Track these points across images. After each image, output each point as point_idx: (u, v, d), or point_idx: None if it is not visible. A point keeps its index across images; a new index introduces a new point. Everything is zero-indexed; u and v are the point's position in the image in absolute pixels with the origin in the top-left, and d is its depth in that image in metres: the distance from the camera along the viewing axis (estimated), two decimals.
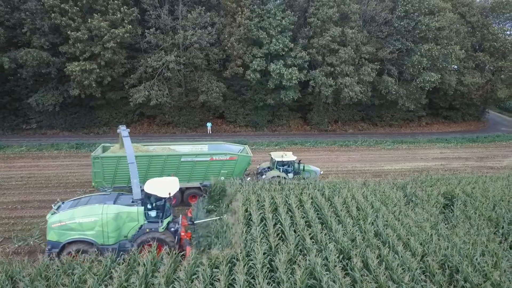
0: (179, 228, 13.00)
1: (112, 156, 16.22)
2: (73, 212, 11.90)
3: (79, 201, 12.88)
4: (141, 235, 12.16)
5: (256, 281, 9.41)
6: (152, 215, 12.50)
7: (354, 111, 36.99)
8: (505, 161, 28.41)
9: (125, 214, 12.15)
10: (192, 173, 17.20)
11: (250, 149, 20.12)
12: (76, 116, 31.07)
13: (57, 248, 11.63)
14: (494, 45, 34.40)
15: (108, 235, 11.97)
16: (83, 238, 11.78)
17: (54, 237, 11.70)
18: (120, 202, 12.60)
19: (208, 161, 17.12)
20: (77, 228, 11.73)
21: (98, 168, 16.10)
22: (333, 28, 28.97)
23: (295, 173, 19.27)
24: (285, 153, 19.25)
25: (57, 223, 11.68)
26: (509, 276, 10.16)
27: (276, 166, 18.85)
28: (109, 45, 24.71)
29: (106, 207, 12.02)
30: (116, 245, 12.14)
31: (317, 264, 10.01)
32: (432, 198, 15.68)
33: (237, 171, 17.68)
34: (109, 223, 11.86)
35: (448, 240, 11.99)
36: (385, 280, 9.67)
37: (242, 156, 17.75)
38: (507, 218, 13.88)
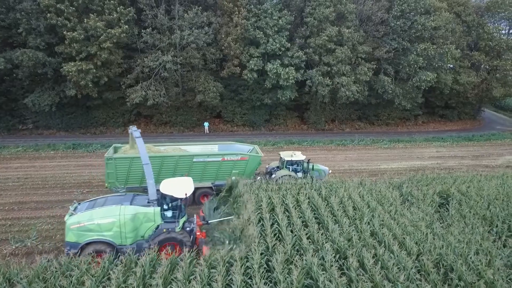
0: (194, 227, 13.23)
1: (125, 157, 16.35)
2: (91, 214, 12.06)
3: (95, 202, 13.03)
4: (159, 235, 12.33)
5: (253, 281, 9.49)
6: (168, 215, 12.68)
7: (351, 110, 37.14)
8: (500, 160, 28.67)
9: (142, 215, 12.31)
10: (204, 173, 17.35)
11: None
12: (72, 116, 30.98)
13: (76, 249, 11.82)
14: (490, 44, 34.64)
15: (126, 236, 12.14)
16: (101, 238, 11.95)
17: (73, 238, 11.88)
18: (136, 203, 12.75)
19: (219, 161, 17.31)
20: (95, 229, 11.90)
21: (111, 169, 16.24)
22: (330, 27, 29.05)
23: (304, 172, 19.43)
24: (294, 153, 19.37)
25: (76, 225, 11.85)
26: (502, 274, 10.31)
27: (285, 165, 18.99)
28: (105, 45, 24.65)
29: (123, 208, 12.17)
30: (134, 245, 12.29)
31: (314, 264, 10.10)
32: (428, 198, 15.82)
33: (248, 171, 17.86)
34: (126, 223, 12.05)
35: (443, 239, 12.13)
36: (381, 280, 9.79)
37: (253, 156, 17.94)
38: (501, 217, 14.04)
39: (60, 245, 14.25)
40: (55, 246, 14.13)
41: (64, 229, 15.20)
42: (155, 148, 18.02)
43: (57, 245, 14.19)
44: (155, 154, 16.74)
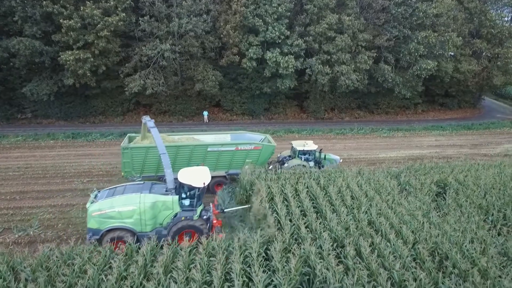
0: (210, 216, 13.54)
1: (141, 147, 16.59)
2: (112, 201, 12.39)
3: (115, 190, 13.33)
4: (177, 223, 12.66)
5: (252, 269, 9.70)
6: (186, 203, 13.02)
7: (350, 99, 37.01)
8: (498, 148, 28.76)
9: (161, 203, 12.62)
10: (218, 163, 17.60)
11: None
12: (71, 105, 30.90)
13: (97, 235, 12.20)
14: (491, 32, 34.24)
15: (146, 223, 12.51)
16: (122, 226, 12.32)
17: (95, 225, 12.25)
18: (155, 191, 13.02)
19: (233, 151, 17.52)
20: (116, 216, 12.26)
21: (127, 158, 16.50)
22: (330, 15, 28.65)
23: (315, 162, 19.62)
24: (306, 142, 19.51)
25: (97, 212, 12.21)
26: (495, 262, 10.52)
27: (297, 155, 19.17)
28: (102, 33, 24.38)
29: (143, 196, 12.49)
30: (153, 232, 12.64)
31: (311, 253, 10.30)
32: (425, 187, 15.97)
33: (261, 160, 18.10)
34: (146, 211, 12.39)
35: (439, 228, 12.32)
36: (377, 268, 9.98)
37: (266, 146, 18.12)
38: (497, 206, 14.21)
39: (62, 233, 14.51)
40: (57, 235, 14.36)
41: (64, 218, 15.54)
42: (170, 138, 18.30)
43: (59, 234, 14.42)
44: (170, 144, 16.97)
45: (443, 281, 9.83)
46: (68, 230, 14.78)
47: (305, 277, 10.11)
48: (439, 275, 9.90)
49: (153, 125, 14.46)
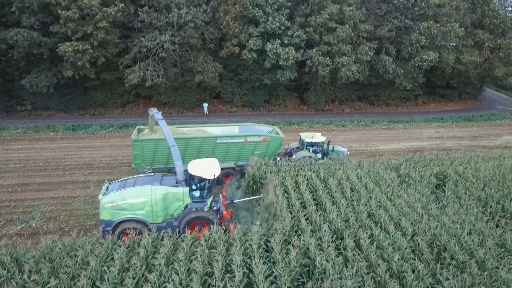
0: (220, 207, 13.80)
1: (151, 139, 16.70)
2: (124, 193, 12.62)
3: (126, 182, 13.55)
4: (188, 214, 12.91)
5: (252, 261, 9.82)
6: (196, 195, 13.22)
7: (351, 91, 36.84)
8: (498, 140, 28.78)
9: (172, 195, 12.85)
10: (227, 154, 17.78)
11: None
12: (71, 97, 30.78)
13: (110, 226, 12.46)
14: (494, 22, 33.88)
15: (157, 214, 12.76)
16: (134, 217, 12.58)
17: (107, 217, 12.50)
18: (165, 183, 13.21)
19: (242, 143, 17.69)
20: (128, 208, 12.50)
21: (137, 150, 16.71)
22: (331, 5, 28.33)
23: (323, 153, 19.80)
24: (314, 134, 19.66)
25: (110, 204, 12.43)
26: (493, 253, 10.64)
27: (306, 146, 19.33)
28: (101, 24, 24.14)
29: (154, 188, 12.70)
30: (164, 223, 12.91)
31: (311, 245, 10.41)
32: (425, 179, 16.03)
33: (269, 152, 18.27)
34: (157, 203, 12.62)
35: (438, 219, 12.42)
36: (376, 259, 10.11)
37: (275, 137, 18.26)
38: (495, 198, 14.28)
39: (64, 225, 14.65)
40: (59, 226, 14.49)
41: (66, 210, 15.67)
42: (179, 130, 18.49)
43: (61, 226, 14.56)
44: (180, 136, 17.15)
45: (441, 272, 9.97)
46: (70, 222, 14.91)
47: (305, 269, 10.25)
48: (437, 266, 10.03)
49: (161, 117, 14.66)
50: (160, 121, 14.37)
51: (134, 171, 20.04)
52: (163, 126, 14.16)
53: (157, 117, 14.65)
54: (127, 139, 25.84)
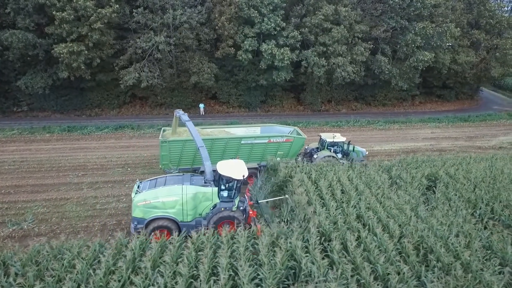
0: (247, 207, 14.02)
1: (178, 140, 17.15)
2: (156, 192, 13.01)
3: (156, 181, 13.99)
4: (217, 213, 13.25)
5: (238, 263, 9.87)
6: (224, 195, 13.54)
7: (347, 91, 36.86)
8: (493, 141, 28.79)
9: (202, 194, 13.20)
10: (251, 155, 18.14)
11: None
12: (67, 98, 30.86)
13: (142, 224, 12.80)
14: (490, 22, 33.86)
15: (187, 213, 13.14)
16: (165, 215, 12.94)
17: (140, 214, 12.86)
18: (195, 183, 13.58)
19: (265, 143, 18.10)
20: (160, 207, 12.89)
21: (165, 151, 17.14)
22: (326, 6, 28.34)
23: (343, 153, 20.12)
24: (334, 134, 20.01)
25: (142, 202, 12.80)
26: (479, 255, 10.69)
27: (326, 146, 19.64)
28: (96, 25, 24.19)
29: (185, 187, 13.08)
30: (193, 222, 13.29)
31: (297, 247, 10.46)
32: (416, 180, 16.08)
33: (292, 152, 18.64)
34: (188, 202, 13.01)
35: (426, 222, 12.46)
36: (361, 262, 10.17)
37: (297, 138, 18.63)
38: (485, 199, 14.34)
39: (55, 227, 14.70)
40: (50, 228, 14.55)
41: (58, 212, 15.74)
42: (204, 131, 18.92)
43: (53, 228, 14.61)
44: (206, 137, 17.53)
45: (426, 275, 10.02)
46: (62, 223, 14.97)
47: (291, 271, 10.31)
48: (422, 269, 10.08)
49: (188, 118, 14.93)
50: (187, 122, 14.76)
51: (125, 173, 20.22)
52: (190, 128, 14.54)
53: (183, 118, 15.07)
54: (123, 140, 26.02)
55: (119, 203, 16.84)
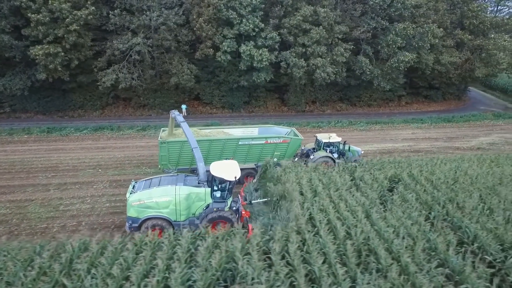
0: (239, 207, 14.25)
1: (177, 141, 17.42)
2: (150, 192, 13.36)
3: (151, 181, 14.32)
4: (210, 213, 13.45)
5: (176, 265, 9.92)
6: (217, 195, 13.80)
7: (331, 92, 36.85)
8: (473, 141, 28.69)
9: (195, 194, 13.48)
10: (248, 155, 18.46)
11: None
12: (49, 99, 31.04)
13: (137, 223, 13.16)
14: (474, 23, 33.73)
15: (180, 213, 13.43)
16: (159, 215, 13.28)
17: (134, 214, 13.23)
18: (188, 184, 13.85)
19: (263, 144, 18.40)
20: (154, 206, 13.21)
21: (164, 152, 17.46)
22: (305, 7, 28.36)
23: (339, 153, 20.35)
24: (330, 135, 20.30)
25: (137, 202, 13.16)
26: (420, 257, 10.66)
27: (322, 147, 19.89)
28: (72, 27, 24.30)
29: (178, 188, 13.37)
30: (187, 221, 13.57)
31: (237, 249, 10.50)
32: (378, 182, 16.06)
33: (288, 153, 18.97)
34: (181, 202, 13.30)
35: (375, 223, 12.45)
36: (298, 263, 10.18)
37: (294, 139, 18.93)
38: (442, 201, 14.30)
39: (14, 229, 14.80)
40: (8, 230, 14.64)
41: (20, 213, 15.82)
42: (202, 132, 19.23)
43: (11, 229, 14.71)
44: (204, 138, 18.01)
45: (362, 277, 10.01)
46: (22, 225, 15.07)
47: (229, 273, 10.34)
48: (357, 271, 10.09)
49: (183, 119, 15.19)
50: (182, 123, 14.94)
51: (96, 174, 20.32)
52: (185, 128, 14.76)
53: (178, 119, 15.28)
54: (100, 142, 26.15)
55: (83, 204, 16.95)
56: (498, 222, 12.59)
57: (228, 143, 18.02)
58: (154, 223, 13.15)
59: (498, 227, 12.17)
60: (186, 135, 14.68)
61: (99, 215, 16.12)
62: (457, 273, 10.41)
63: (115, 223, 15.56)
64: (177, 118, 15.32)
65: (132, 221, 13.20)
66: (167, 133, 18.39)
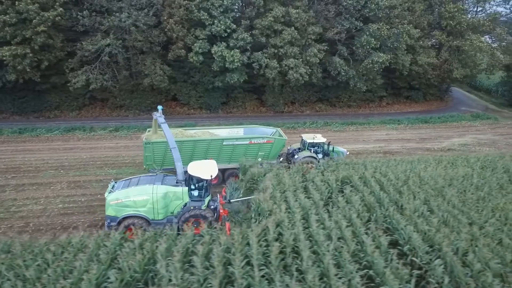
0: (217, 205, 14.61)
1: (161, 141, 17.50)
2: (127, 191, 13.75)
3: (130, 181, 14.72)
4: (186, 212, 13.79)
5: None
6: (195, 194, 14.21)
7: (310, 92, 36.81)
8: (445, 142, 28.63)
9: (172, 193, 13.88)
10: (232, 155, 18.72)
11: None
12: (24, 100, 31.12)
13: (115, 222, 13.52)
14: (451, 24, 33.67)
15: (158, 212, 13.80)
16: (137, 213, 13.68)
17: (112, 213, 13.61)
18: (167, 183, 14.22)
19: (247, 144, 18.70)
20: (131, 205, 13.61)
21: (149, 152, 17.73)
22: (277, 8, 28.35)
23: (324, 154, 20.68)
24: (315, 135, 20.65)
25: (115, 201, 13.56)
26: (345, 260, 10.67)
27: (307, 147, 20.19)
28: (39, 28, 24.35)
29: (155, 187, 13.77)
30: (165, 220, 13.89)
31: (158, 252, 10.54)
32: (329, 184, 16.04)
33: (272, 153, 19.28)
34: (158, 201, 13.68)
35: (310, 226, 12.44)
36: (218, 265, 10.19)
37: (278, 139, 19.27)
38: (386, 204, 14.29)
39: None
40: None
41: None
42: (187, 132, 19.46)
43: None
44: (188, 138, 18.37)
45: (280, 279, 10.02)
46: None
47: (150, 274, 10.38)
48: (277, 273, 10.09)
49: (164, 120, 15.59)
50: (163, 124, 15.33)
51: (57, 175, 20.38)
52: (165, 129, 15.15)
53: (159, 120, 15.68)
54: (69, 143, 26.20)
55: (36, 205, 17.00)
56: (433, 223, 12.58)
57: (213, 144, 18.27)
58: (132, 222, 13.46)
59: (430, 229, 12.16)
60: (165, 136, 15.05)
61: (49, 216, 16.16)
62: (379, 275, 10.43)
63: (63, 224, 15.59)
64: (158, 120, 15.73)
65: (110, 220, 13.56)
66: (151, 133, 18.55)
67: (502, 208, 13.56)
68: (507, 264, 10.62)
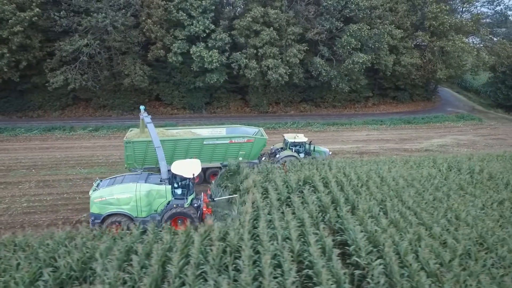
0: (201, 204, 14.75)
1: (142, 141, 17.71)
2: (111, 189, 13.93)
3: (115, 179, 14.85)
4: (169, 210, 14.04)
5: None
6: (178, 192, 14.39)
7: (294, 93, 36.81)
8: (424, 143, 28.55)
9: (155, 191, 14.11)
10: (213, 155, 18.90)
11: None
12: (7, 100, 31.32)
13: (99, 219, 13.74)
14: (434, 24, 33.59)
15: (141, 209, 14.01)
16: (120, 211, 13.84)
17: (96, 210, 13.81)
18: (150, 181, 14.46)
19: (227, 144, 18.82)
20: (115, 203, 13.78)
21: (130, 151, 17.79)
22: (255, 8, 28.40)
23: (306, 153, 20.86)
24: (297, 135, 21.09)
25: (99, 198, 13.75)
26: (288, 260, 10.68)
27: (289, 146, 20.53)
28: (16, 29, 24.52)
29: (139, 185, 14.00)
30: (148, 217, 14.11)
31: (98, 249, 10.63)
32: (289, 184, 16.05)
33: (253, 152, 19.36)
34: (142, 199, 13.88)
35: (255, 227, 12.46)
36: (155, 263, 10.25)
37: (258, 139, 19.37)
38: (341, 204, 14.28)
39: None
40: None
41: None
42: (169, 132, 19.56)
43: None
44: (169, 138, 18.38)
45: (216, 278, 10.06)
46: None
47: (88, 273, 10.46)
48: (213, 272, 10.13)
49: (150, 120, 15.87)
50: (149, 124, 15.57)
51: (28, 174, 20.50)
52: (150, 129, 15.39)
53: (146, 120, 15.92)
54: (47, 142, 26.33)
55: (0, 204, 17.08)
56: (381, 224, 12.58)
57: (193, 143, 18.41)
58: (115, 219, 13.64)
59: (377, 230, 12.16)
60: (150, 135, 15.28)
61: (11, 215, 16.25)
62: (317, 275, 10.44)
63: (23, 223, 15.68)
64: (145, 119, 16.06)
65: (94, 217, 13.77)
66: (136, 133, 18.69)
67: (455, 209, 13.52)
68: (445, 264, 10.63)
